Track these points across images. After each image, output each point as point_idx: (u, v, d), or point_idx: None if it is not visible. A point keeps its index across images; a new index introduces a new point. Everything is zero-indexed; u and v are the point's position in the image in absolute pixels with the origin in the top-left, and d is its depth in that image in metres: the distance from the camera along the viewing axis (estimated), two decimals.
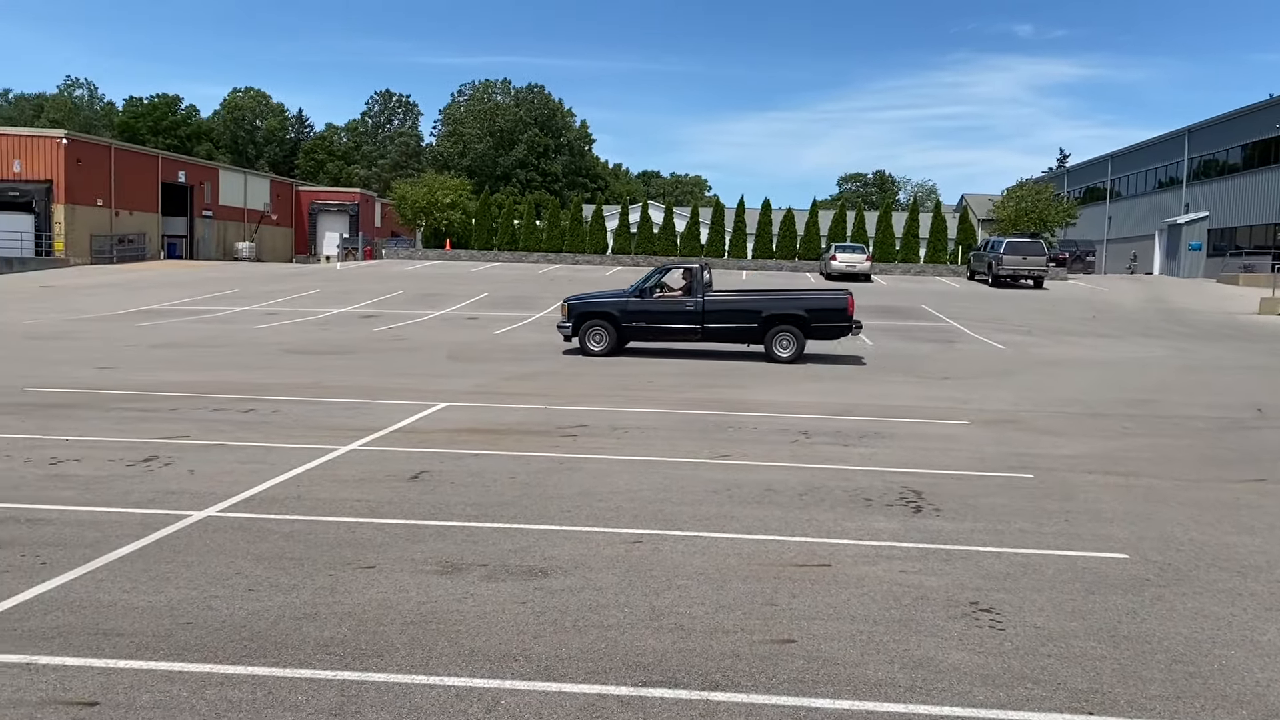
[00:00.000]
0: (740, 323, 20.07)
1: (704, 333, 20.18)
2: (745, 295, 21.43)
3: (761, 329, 19.89)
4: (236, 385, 14.91)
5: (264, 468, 9.29)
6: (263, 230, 70.37)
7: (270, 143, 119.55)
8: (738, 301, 20.68)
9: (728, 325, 20.12)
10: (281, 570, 6.33)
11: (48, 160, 50.29)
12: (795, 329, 19.76)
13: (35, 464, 9.21)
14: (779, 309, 19.97)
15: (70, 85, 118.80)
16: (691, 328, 20.17)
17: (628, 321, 20.36)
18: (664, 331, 20.46)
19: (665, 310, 20.31)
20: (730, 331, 20.16)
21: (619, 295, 21.02)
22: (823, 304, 20.30)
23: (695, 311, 20.10)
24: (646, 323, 20.37)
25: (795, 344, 19.73)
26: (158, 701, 4.45)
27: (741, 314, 20.14)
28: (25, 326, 24.53)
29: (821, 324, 19.90)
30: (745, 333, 20.09)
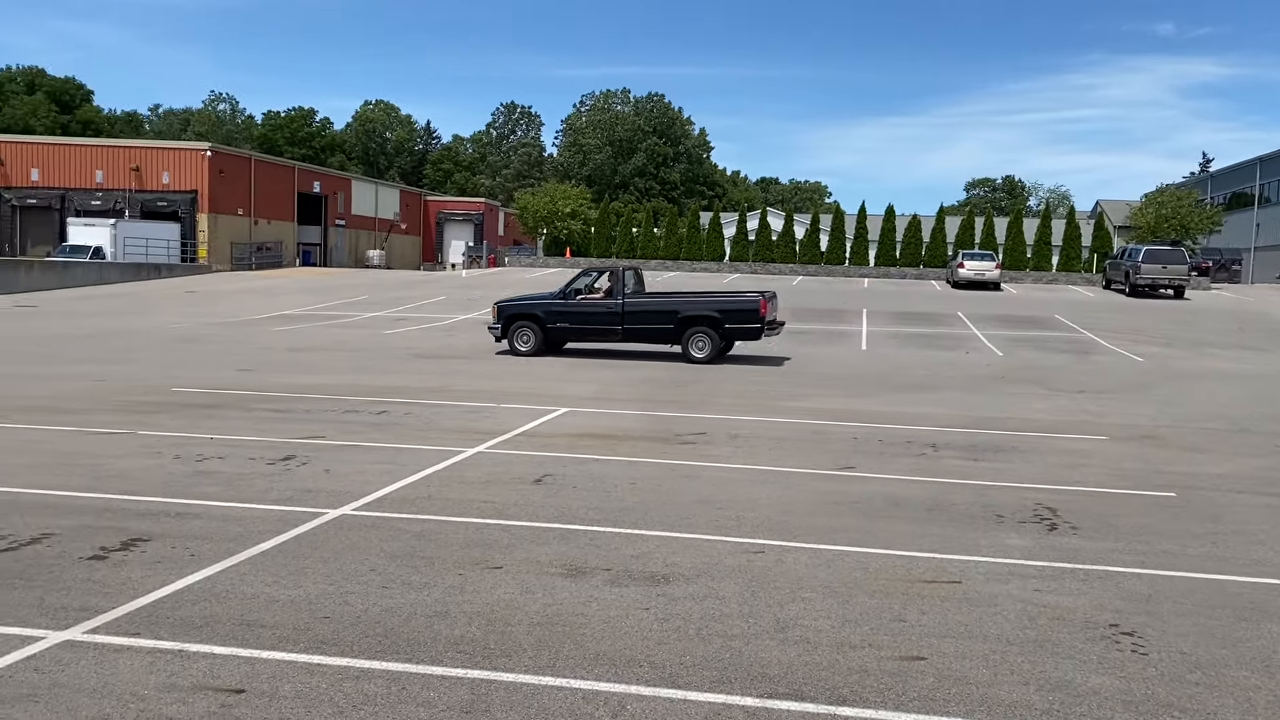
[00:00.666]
0: (657, 324, 20.63)
1: (624, 334, 20.77)
2: (663, 298, 21.90)
3: (678, 330, 20.42)
4: (368, 388, 15.40)
5: (395, 468, 9.57)
6: (392, 239, 72.64)
7: (400, 154, 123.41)
8: (655, 304, 21.09)
9: (646, 326, 20.69)
10: (413, 569, 6.50)
11: (193, 172, 53.01)
12: (710, 330, 20.21)
13: (183, 461, 9.69)
14: (694, 310, 20.50)
15: (214, 100, 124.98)
16: (612, 329, 20.79)
17: (552, 323, 21.02)
18: (586, 332, 21.14)
19: (587, 312, 20.97)
20: (648, 332, 20.74)
21: (545, 298, 21.74)
22: (736, 306, 20.63)
23: (615, 313, 20.69)
24: (570, 324, 21.07)
25: (711, 345, 20.17)
26: (299, 692, 4.62)
27: (659, 315, 20.66)
28: (172, 330, 25.88)
29: (735, 325, 20.28)
30: (662, 333, 20.67)
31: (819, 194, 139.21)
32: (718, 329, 20.27)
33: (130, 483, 8.68)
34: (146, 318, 29.16)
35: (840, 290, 44.11)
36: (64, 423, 11.56)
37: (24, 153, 54.47)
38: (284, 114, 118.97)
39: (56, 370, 16.78)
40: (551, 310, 21.08)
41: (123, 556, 6.62)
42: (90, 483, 8.65)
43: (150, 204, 52.56)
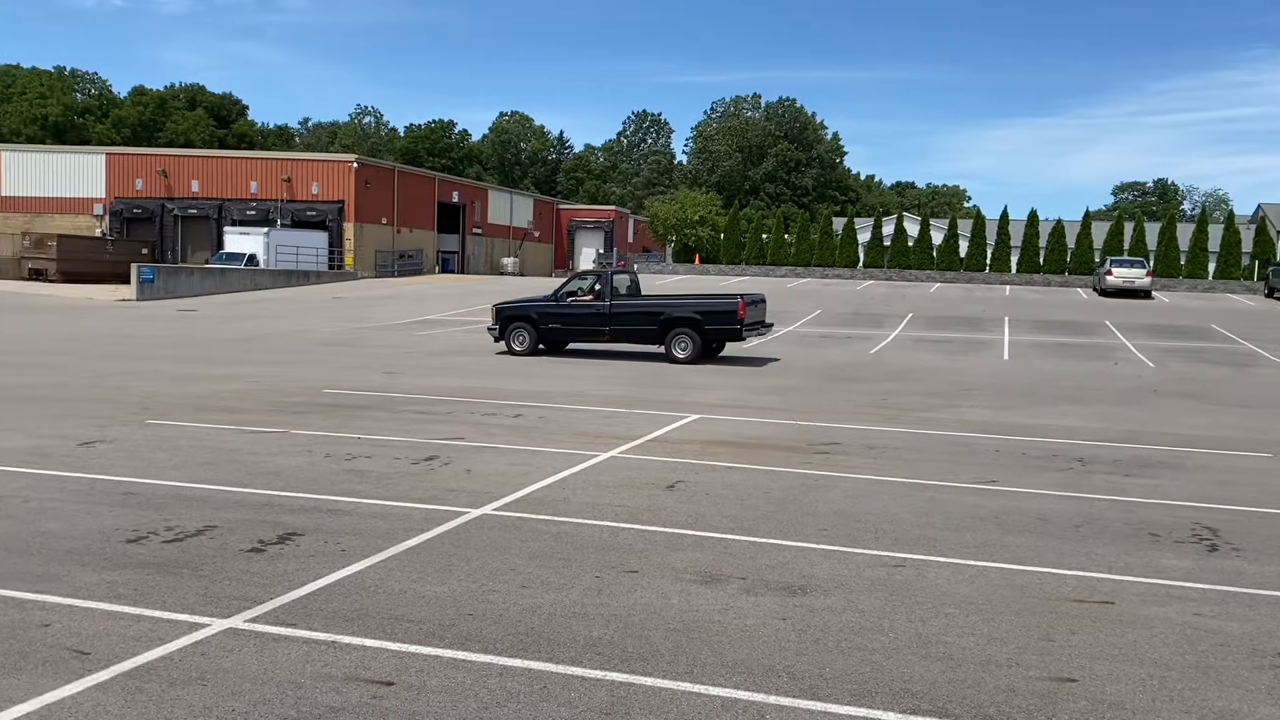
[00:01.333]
0: (642, 325, 21.33)
1: (611, 334, 21.53)
2: (648, 300, 22.30)
3: (661, 331, 21.09)
4: (505, 391, 15.75)
5: (532, 470, 9.76)
6: (526, 246, 74.17)
7: (534, 163, 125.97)
8: (640, 306, 21.68)
9: (632, 328, 21.42)
10: (551, 569, 6.62)
11: (340, 183, 55.28)
12: (692, 331, 20.82)
13: (333, 459, 10.11)
14: (676, 312, 21.19)
15: (360, 113, 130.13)
16: (600, 330, 21.56)
17: (544, 324, 21.87)
18: (576, 333, 21.93)
19: (576, 314, 21.73)
20: (634, 333, 21.47)
21: (538, 300, 22.57)
22: (715, 308, 21.11)
23: (603, 315, 21.46)
24: (561, 325, 21.84)
25: (693, 346, 20.81)
26: (445, 686, 4.76)
27: (644, 317, 21.34)
28: (322, 334, 27.03)
29: (715, 327, 20.84)
30: (647, 334, 21.34)
31: (957, 198, 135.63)
32: (699, 330, 20.83)
33: (285, 479, 9.10)
34: (297, 322, 30.54)
35: (980, 297, 42.85)
36: (224, 421, 12.20)
37: (186, 165, 57.82)
38: (424, 126, 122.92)
39: (215, 371, 17.74)
40: (544, 312, 21.92)
41: (279, 550, 6.94)
42: (248, 479, 9.11)
43: (300, 213, 55.05)
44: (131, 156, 60.05)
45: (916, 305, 39.00)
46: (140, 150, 64.74)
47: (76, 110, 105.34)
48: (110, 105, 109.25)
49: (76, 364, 18.25)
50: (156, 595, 5.93)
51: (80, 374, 16.75)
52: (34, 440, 10.65)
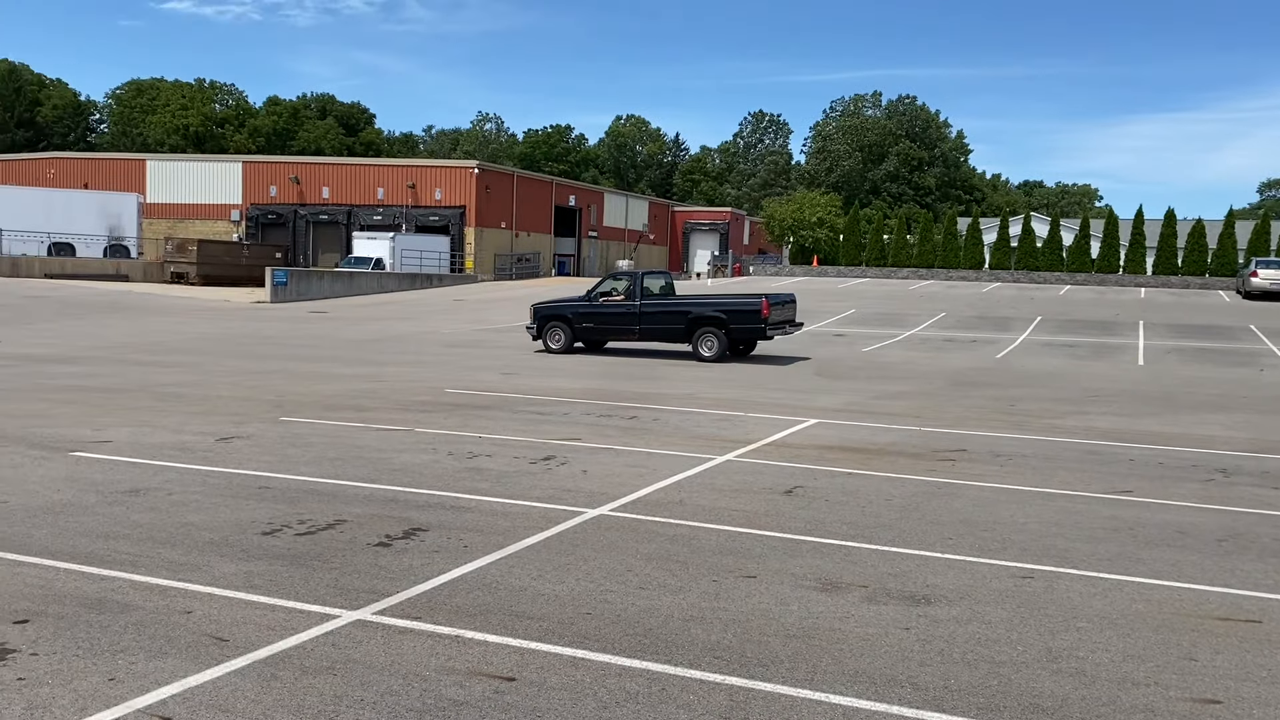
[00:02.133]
0: (670, 324, 21.83)
1: (640, 333, 22.16)
2: (676, 300, 22.58)
3: (688, 330, 21.55)
4: (619, 393, 15.86)
5: (647, 472, 9.78)
6: (640, 249, 74.61)
7: (649, 166, 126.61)
8: (668, 306, 22.14)
9: (660, 326, 21.96)
10: (668, 572, 6.62)
11: (462, 188, 56.63)
12: (718, 330, 21.22)
13: (456, 457, 10.33)
14: (702, 312, 21.56)
15: (481, 120, 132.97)
16: (630, 329, 22.20)
17: (579, 323, 22.53)
18: (608, 331, 22.55)
19: (608, 314, 22.36)
20: (662, 332, 22.00)
21: (573, 300, 23.23)
22: (740, 308, 21.41)
23: (633, 314, 22.09)
24: (594, 324, 22.50)
25: (718, 345, 21.24)
26: (565, 684, 4.80)
27: (671, 316, 21.85)
28: (443, 335, 27.71)
29: (739, 325, 21.20)
30: (674, 333, 21.84)
31: (1088, 197, 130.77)
32: (724, 329, 21.22)
33: (410, 476, 9.35)
34: (420, 324, 31.38)
35: (1113, 300, 41.22)
36: (352, 419, 12.61)
37: (317, 172, 60.09)
38: (542, 132, 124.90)
39: (344, 371, 18.37)
40: (578, 312, 22.59)
41: (405, 544, 7.13)
42: (376, 474, 9.39)
43: (423, 218, 56.60)
44: (266, 164, 62.75)
45: (1045, 308, 37.72)
46: (274, 158, 67.59)
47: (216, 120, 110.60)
48: (246, 115, 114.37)
49: (215, 363, 19.14)
50: (290, 586, 6.15)
51: (219, 372, 17.56)
52: (177, 435, 11.20)
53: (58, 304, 33.36)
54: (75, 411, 12.66)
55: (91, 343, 22.62)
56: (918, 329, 31.13)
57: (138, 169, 62.94)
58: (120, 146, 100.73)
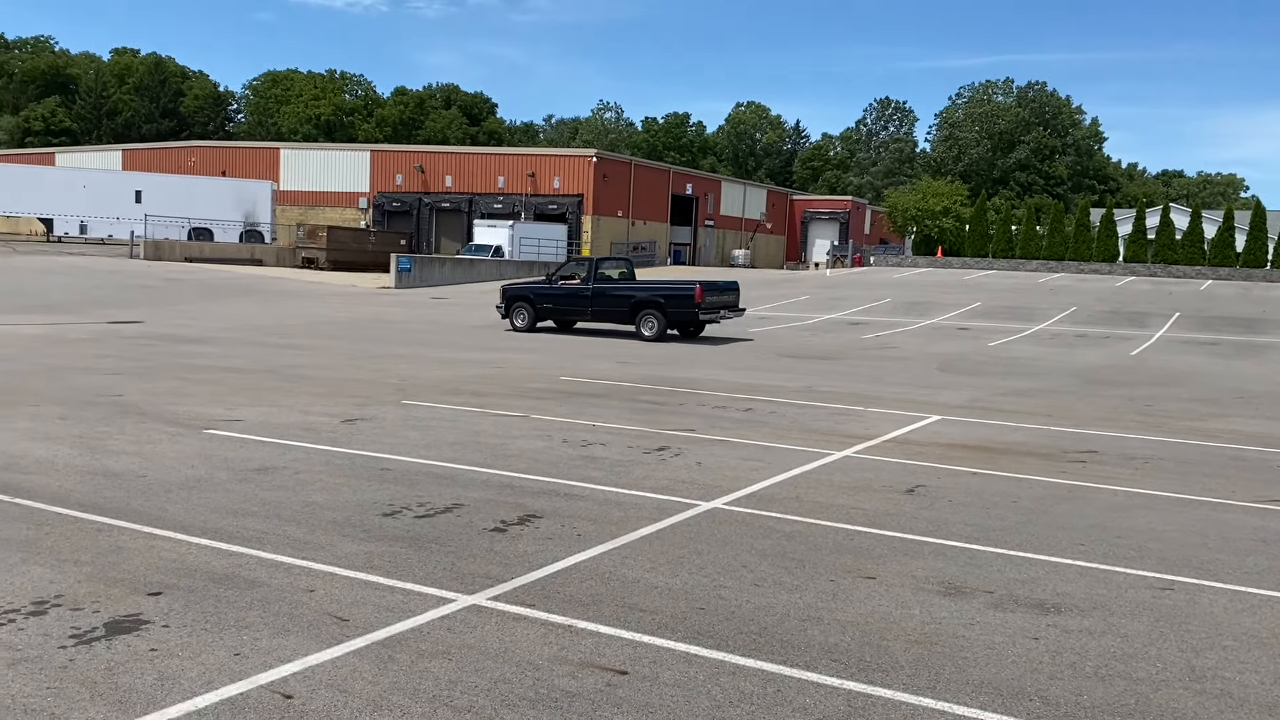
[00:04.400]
0: (617, 307, 23.72)
1: (592, 314, 24.15)
2: (622, 285, 24.25)
3: (632, 312, 23.48)
4: (735, 385, 15.70)
5: (763, 466, 9.63)
6: (757, 238, 74.01)
7: (769, 154, 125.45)
8: (616, 290, 23.94)
9: (608, 308, 23.85)
10: (784, 569, 6.47)
11: (580, 176, 57.10)
12: (657, 313, 23.07)
13: (570, 445, 10.37)
14: (644, 296, 23.49)
15: (601, 109, 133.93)
16: (583, 309, 24.15)
17: (540, 304, 24.50)
18: (564, 311, 24.53)
19: (565, 295, 24.27)
20: (610, 313, 23.92)
21: (536, 284, 25.29)
22: (676, 293, 23.31)
23: (586, 296, 23.94)
24: (553, 304, 24.45)
25: (658, 325, 23.10)
26: (678, 680, 4.72)
27: (618, 300, 23.72)
28: None
29: (676, 309, 23.04)
30: (620, 314, 23.72)
31: (1233, 187, 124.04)
32: (663, 311, 23.09)
33: (525, 462, 9.42)
34: None
35: (1259, 296, 38.99)
36: (470, 404, 12.80)
37: (441, 162, 61.44)
38: (662, 120, 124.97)
39: (464, 356, 18.70)
40: (540, 293, 24.64)
41: (519, 530, 7.16)
42: (492, 459, 9.48)
43: (542, 207, 57.31)
44: (392, 153, 64.48)
45: (1184, 304, 35.93)
46: (400, 148, 69.40)
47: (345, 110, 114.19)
48: (374, 105, 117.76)
49: (341, 346, 19.73)
50: (408, 568, 6.24)
51: (345, 355, 18.08)
52: (304, 416, 11.55)
53: (195, 286, 34.94)
54: (210, 390, 13.19)
55: (226, 324, 23.60)
56: (1047, 324, 30.01)
57: (272, 157, 65.49)
58: (256, 135, 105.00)
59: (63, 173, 58.15)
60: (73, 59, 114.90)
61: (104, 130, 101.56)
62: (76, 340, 18.96)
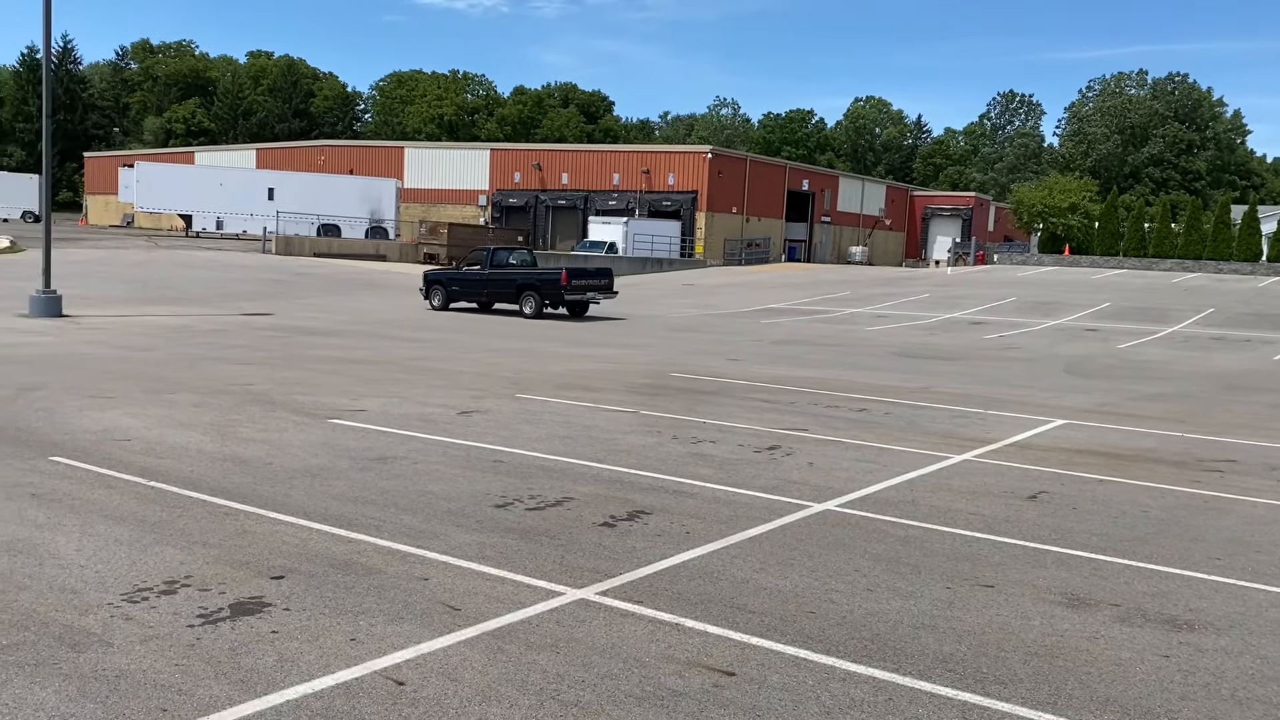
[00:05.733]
0: (505, 289, 27.44)
1: (487, 295, 27.89)
2: (507, 271, 27.89)
3: (516, 293, 27.01)
4: (849, 384, 15.44)
5: (877, 468, 9.43)
6: (875, 234, 72.69)
7: (889, 150, 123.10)
8: (504, 275, 27.62)
9: (499, 290, 27.60)
10: (898, 575, 6.31)
11: (695, 173, 57.01)
12: (535, 293, 26.53)
13: (680, 441, 10.35)
14: (524, 280, 27.09)
15: (718, 105, 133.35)
16: (481, 291, 27.89)
17: (449, 286, 28.20)
18: (468, 293, 28.10)
19: (467, 279, 28.11)
20: (500, 294, 27.60)
21: (449, 270, 29.87)
22: (546, 278, 26.89)
23: (482, 281, 27.79)
24: (460, 287, 28.13)
25: (535, 303, 26.52)
26: (785, 684, 4.64)
27: (505, 283, 27.46)
28: (670, 319, 28.00)
29: (549, 291, 26.44)
30: (508, 295, 27.31)
31: None
32: (539, 293, 26.46)
33: (635, 458, 9.43)
34: (648, 307, 31.86)
35: None
36: (582, 399, 12.90)
37: (557, 159, 62.20)
38: (779, 116, 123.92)
39: (575, 351, 18.87)
40: (450, 278, 28.54)
41: (628, 526, 7.17)
42: (603, 454, 9.53)
43: (656, 203, 57.44)
44: (511, 152, 65.60)
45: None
46: (519, 146, 70.55)
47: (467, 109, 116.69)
48: (495, 104, 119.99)
49: (459, 340, 20.14)
50: (519, 560, 6.31)
51: (462, 349, 18.46)
52: (422, 407, 11.83)
53: (322, 280, 36.18)
54: (334, 381, 13.62)
55: (350, 317, 24.36)
56: (1181, 325, 28.64)
57: (397, 156, 67.36)
58: (382, 135, 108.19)
59: (201, 171, 61.02)
60: (212, 62, 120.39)
61: (240, 130, 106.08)
62: (211, 331, 19.84)
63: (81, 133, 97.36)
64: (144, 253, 42.93)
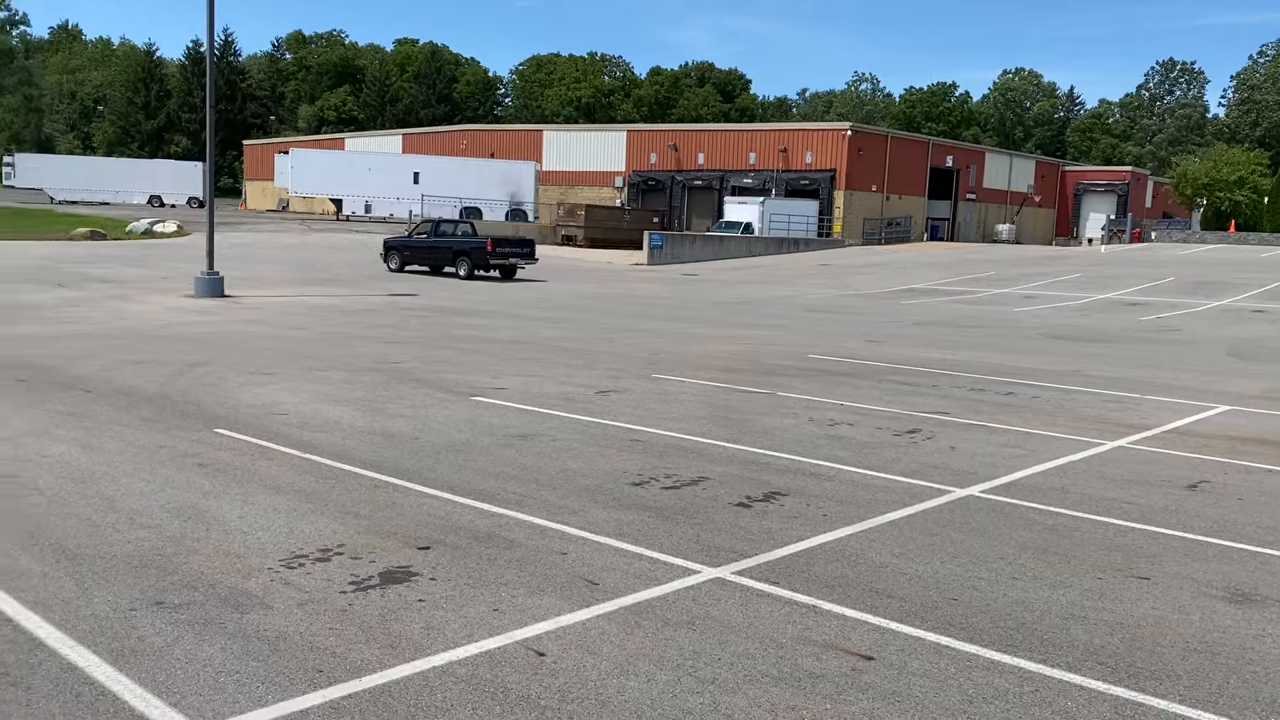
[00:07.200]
0: (442, 254, 31.32)
1: (430, 259, 31.69)
2: (443, 239, 31.65)
3: (452, 259, 30.95)
4: (994, 366, 14.95)
5: (1024, 453, 9.12)
6: (1023, 212, 70.02)
7: (1039, 124, 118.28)
8: (442, 242, 31.45)
9: (439, 256, 31.43)
10: (1046, 564, 6.10)
11: (833, 151, 56.01)
12: (466, 258, 30.52)
13: (816, 424, 10.23)
14: (458, 247, 30.98)
15: (857, 81, 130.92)
16: (426, 256, 31.78)
17: (402, 251, 32.01)
18: (415, 257, 31.91)
19: (414, 246, 32.07)
20: (440, 259, 31.42)
21: (403, 237, 33.42)
22: (476, 245, 30.74)
23: (425, 247, 31.77)
24: (410, 252, 31.98)
25: (467, 266, 30.48)
26: (926, 671, 4.55)
27: (441, 250, 31.34)
28: (807, 300, 27.66)
29: (477, 255, 30.39)
30: (444, 259, 31.24)
31: None
32: (469, 257, 30.46)
33: (770, 439, 9.37)
34: (785, 288, 31.54)
35: None
36: (718, 379, 12.89)
37: (693, 139, 62.07)
38: (922, 90, 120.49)
39: (711, 332, 18.85)
40: (402, 244, 32.40)
41: (764, 507, 7.14)
42: (738, 435, 9.51)
43: (793, 182, 56.71)
44: (647, 132, 65.83)
45: None
46: (655, 127, 70.70)
47: (604, 91, 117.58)
48: (631, 85, 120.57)
49: (596, 320, 20.39)
50: (655, 537, 6.37)
51: (598, 329, 18.68)
52: (561, 386, 12.03)
53: None
54: (477, 360, 14.00)
55: (490, 298, 24.96)
56: None
57: (535, 139, 68.49)
58: (521, 118, 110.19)
59: (351, 157, 63.43)
60: (360, 51, 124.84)
61: (387, 116, 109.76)
62: (359, 310, 20.65)
63: (240, 122, 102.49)
64: (298, 236, 44.95)
